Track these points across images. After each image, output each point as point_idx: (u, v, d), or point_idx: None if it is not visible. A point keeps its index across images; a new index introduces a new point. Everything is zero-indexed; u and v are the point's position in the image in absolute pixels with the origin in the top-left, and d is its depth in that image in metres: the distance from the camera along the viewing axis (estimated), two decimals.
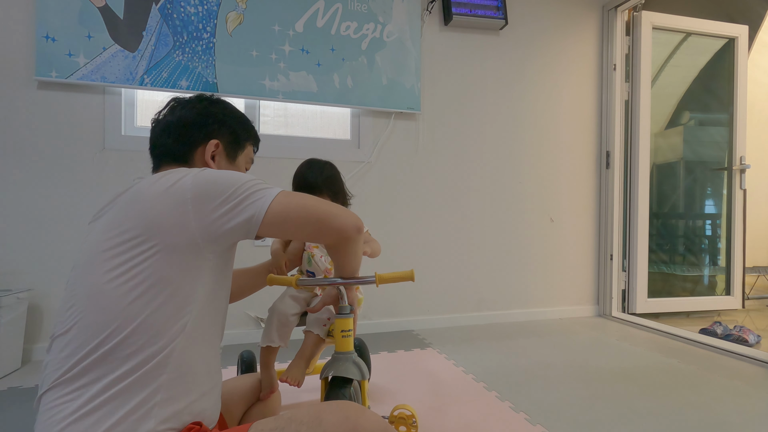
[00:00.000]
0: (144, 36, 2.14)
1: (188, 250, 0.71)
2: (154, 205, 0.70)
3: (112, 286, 0.68)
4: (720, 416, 1.51)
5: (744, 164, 3.04)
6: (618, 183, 2.96)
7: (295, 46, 2.36)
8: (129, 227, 0.70)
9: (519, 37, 2.83)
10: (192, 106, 0.92)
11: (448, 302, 2.70)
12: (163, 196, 0.71)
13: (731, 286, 3.09)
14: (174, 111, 0.92)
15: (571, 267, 2.96)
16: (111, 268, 0.69)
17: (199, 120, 0.91)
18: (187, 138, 0.89)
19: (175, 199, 0.70)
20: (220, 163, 0.92)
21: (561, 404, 1.59)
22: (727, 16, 3.23)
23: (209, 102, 0.95)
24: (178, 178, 0.73)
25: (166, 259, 0.70)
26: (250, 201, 0.73)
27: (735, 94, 3.10)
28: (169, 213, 0.70)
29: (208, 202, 0.71)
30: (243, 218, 0.72)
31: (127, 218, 0.71)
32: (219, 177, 0.74)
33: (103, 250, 0.70)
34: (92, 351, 0.67)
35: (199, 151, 0.90)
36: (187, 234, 0.70)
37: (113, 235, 0.71)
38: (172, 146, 0.89)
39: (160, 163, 0.90)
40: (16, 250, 2.04)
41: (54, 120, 2.10)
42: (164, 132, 0.90)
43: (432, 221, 2.68)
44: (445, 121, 2.70)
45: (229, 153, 0.93)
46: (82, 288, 0.71)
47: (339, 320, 1.02)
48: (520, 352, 2.18)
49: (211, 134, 0.91)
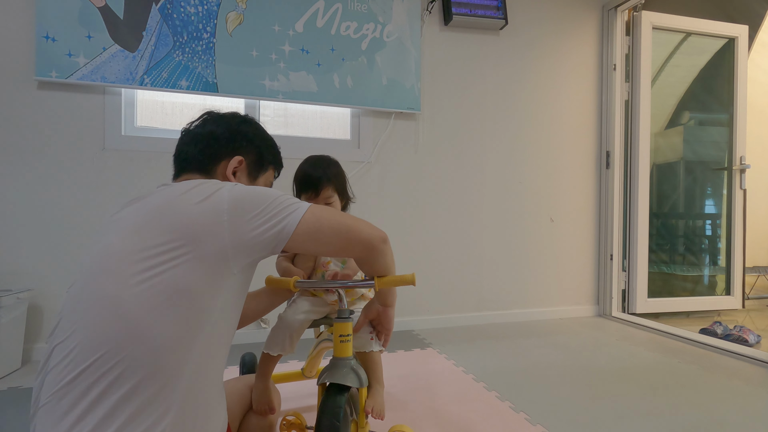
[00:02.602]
0: (144, 36, 2.14)
1: (217, 260, 0.72)
2: (188, 214, 0.72)
3: (132, 293, 0.67)
4: (720, 416, 1.51)
5: (744, 164, 3.04)
6: (618, 183, 2.95)
7: (295, 46, 2.36)
8: (158, 234, 0.70)
9: (519, 37, 2.83)
10: (224, 122, 0.94)
11: (448, 302, 2.70)
12: (199, 207, 0.73)
13: (731, 286, 3.09)
14: (206, 124, 0.94)
15: (571, 267, 2.96)
16: (133, 273, 0.68)
17: (227, 135, 0.93)
18: (213, 150, 0.91)
19: (212, 210, 0.73)
20: (240, 179, 0.93)
21: (561, 404, 1.59)
22: (727, 16, 3.23)
23: (241, 121, 0.97)
24: (214, 190, 0.75)
25: (193, 268, 0.70)
26: (284, 215, 0.77)
27: (735, 94, 3.10)
28: (205, 222, 0.72)
29: (243, 214, 0.74)
30: (275, 230, 0.76)
31: (158, 226, 0.71)
32: (254, 191, 0.78)
33: (125, 257, 0.69)
34: (99, 360, 0.65)
35: (222, 164, 0.91)
36: (219, 243, 0.72)
37: (139, 242, 0.70)
38: (196, 156, 0.91)
39: (182, 171, 0.91)
40: (16, 250, 2.04)
41: (54, 120, 2.10)
42: (192, 142, 0.92)
43: (432, 221, 2.69)
44: (445, 121, 2.70)
45: (251, 171, 0.95)
46: (94, 293, 0.69)
47: (338, 324, 1.01)
48: (520, 352, 2.18)
49: (236, 150, 0.93)
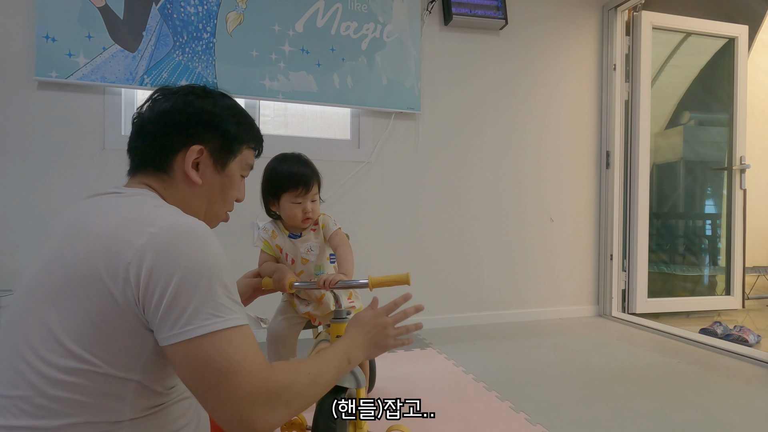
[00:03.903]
0: (144, 36, 2.14)
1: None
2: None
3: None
4: (720, 416, 1.51)
5: (744, 164, 3.04)
6: (618, 183, 2.95)
7: (295, 46, 2.36)
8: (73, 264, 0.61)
9: (519, 37, 2.83)
10: (174, 99, 0.75)
11: (448, 302, 2.70)
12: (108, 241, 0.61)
13: (731, 286, 3.08)
14: (154, 106, 0.75)
15: (571, 267, 2.96)
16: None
17: (179, 118, 0.73)
18: (164, 141, 0.73)
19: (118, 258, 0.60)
20: (204, 173, 0.76)
21: (561, 404, 1.59)
22: (727, 16, 3.23)
23: (196, 95, 0.77)
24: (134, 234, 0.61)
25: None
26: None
27: (735, 94, 3.10)
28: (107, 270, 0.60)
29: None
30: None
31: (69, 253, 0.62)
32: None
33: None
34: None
35: (178, 158, 0.74)
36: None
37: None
38: (146, 151, 0.74)
39: (136, 170, 0.75)
40: (16, 250, 2.04)
41: (54, 120, 2.10)
42: (138, 132, 0.75)
43: (432, 221, 2.68)
44: (445, 121, 2.70)
45: (216, 160, 0.77)
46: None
47: (335, 325, 1.01)
48: (520, 352, 2.18)
49: (193, 137, 0.74)
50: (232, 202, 0.84)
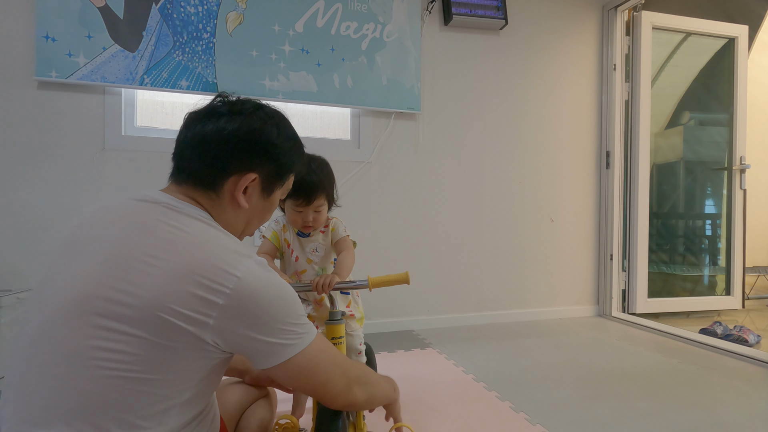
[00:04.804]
0: (144, 36, 2.14)
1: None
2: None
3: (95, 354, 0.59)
4: (720, 416, 1.51)
5: (744, 164, 3.04)
6: (618, 183, 2.95)
7: (295, 46, 2.36)
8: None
9: (519, 37, 2.83)
10: (240, 119, 0.74)
11: (448, 302, 2.70)
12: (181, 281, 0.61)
13: (731, 286, 3.08)
14: (219, 122, 0.73)
15: (571, 267, 2.96)
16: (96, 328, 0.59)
17: (243, 142, 0.73)
18: (223, 164, 0.73)
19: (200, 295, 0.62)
20: (251, 197, 0.77)
21: (561, 404, 1.59)
22: (727, 16, 3.23)
23: (266, 115, 0.77)
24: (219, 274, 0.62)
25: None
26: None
27: (735, 94, 3.10)
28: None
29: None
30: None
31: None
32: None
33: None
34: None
35: (230, 180, 0.74)
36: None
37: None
38: (199, 167, 0.73)
39: (183, 181, 0.74)
40: (16, 250, 2.04)
41: (54, 120, 2.10)
42: (197, 145, 0.73)
43: (432, 221, 2.68)
44: (445, 121, 2.70)
45: (265, 187, 0.78)
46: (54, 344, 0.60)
47: (330, 326, 1.00)
48: (520, 352, 2.18)
49: (251, 165, 0.75)
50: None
